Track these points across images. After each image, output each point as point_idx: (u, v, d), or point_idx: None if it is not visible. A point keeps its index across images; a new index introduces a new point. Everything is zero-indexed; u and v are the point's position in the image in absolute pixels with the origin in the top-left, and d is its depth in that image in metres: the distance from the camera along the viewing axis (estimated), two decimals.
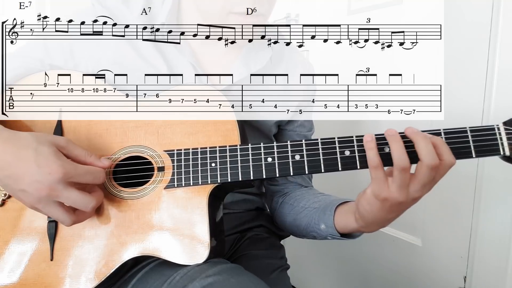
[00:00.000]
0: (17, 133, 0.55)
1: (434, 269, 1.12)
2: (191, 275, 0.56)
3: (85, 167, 0.56)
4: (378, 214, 0.58)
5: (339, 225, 0.69)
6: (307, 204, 0.77)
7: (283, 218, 0.82)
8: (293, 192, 0.83)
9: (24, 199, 0.54)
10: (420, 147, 0.53)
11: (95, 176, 0.56)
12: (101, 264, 0.60)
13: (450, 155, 0.54)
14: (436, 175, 0.54)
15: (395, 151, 0.54)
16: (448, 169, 0.55)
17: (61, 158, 0.54)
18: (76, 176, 0.54)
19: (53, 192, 0.52)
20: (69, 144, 0.57)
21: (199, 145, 0.62)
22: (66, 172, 0.52)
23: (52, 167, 0.52)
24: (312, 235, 0.75)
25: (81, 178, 0.55)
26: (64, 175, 0.52)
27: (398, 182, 0.54)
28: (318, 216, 0.72)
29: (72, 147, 0.57)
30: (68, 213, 0.55)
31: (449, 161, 0.54)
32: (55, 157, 0.53)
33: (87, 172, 0.56)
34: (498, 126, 0.57)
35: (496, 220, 0.94)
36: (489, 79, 0.92)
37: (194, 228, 0.60)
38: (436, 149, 0.54)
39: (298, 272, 1.60)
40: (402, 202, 0.55)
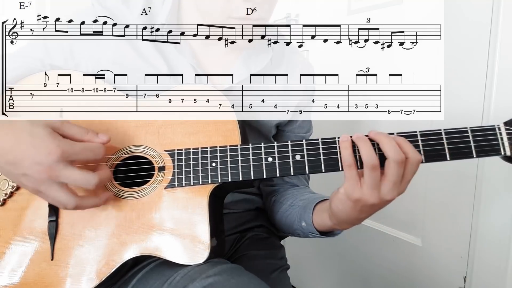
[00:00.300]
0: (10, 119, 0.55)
1: (434, 269, 1.12)
2: (192, 275, 0.56)
3: (83, 144, 0.55)
4: (351, 214, 0.60)
5: (317, 223, 0.70)
6: (293, 202, 0.79)
7: (274, 216, 0.84)
8: (285, 191, 0.84)
9: (26, 183, 0.54)
10: (384, 145, 0.55)
11: (94, 152, 0.56)
12: (101, 264, 0.60)
13: (415, 152, 0.55)
14: (405, 172, 0.55)
15: (363, 150, 0.55)
16: (416, 166, 0.56)
17: (57, 137, 0.53)
18: (74, 154, 0.53)
19: (53, 172, 0.52)
20: (64, 124, 0.56)
21: (200, 145, 0.62)
22: (63, 150, 0.52)
23: (49, 148, 0.51)
24: (297, 233, 0.77)
25: (80, 156, 0.54)
26: (62, 153, 0.52)
27: (369, 182, 0.55)
28: (300, 214, 0.74)
29: (68, 127, 0.56)
30: (71, 194, 0.55)
31: (414, 158, 0.55)
32: (51, 138, 0.52)
33: (85, 149, 0.55)
34: (499, 126, 0.57)
35: (496, 220, 0.94)
36: (489, 79, 0.92)
37: (194, 228, 0.60)
38: (401, 147, 0.55)
39: (298, 272, 1.60)
40: (374, 203, 0.56)
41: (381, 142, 0.55)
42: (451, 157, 0.57)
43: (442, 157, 0.57)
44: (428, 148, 0.57)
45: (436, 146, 0.57)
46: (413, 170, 0.56)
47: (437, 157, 0.57)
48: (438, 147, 0.57)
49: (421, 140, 0.57)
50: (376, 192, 0.55)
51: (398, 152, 0.54)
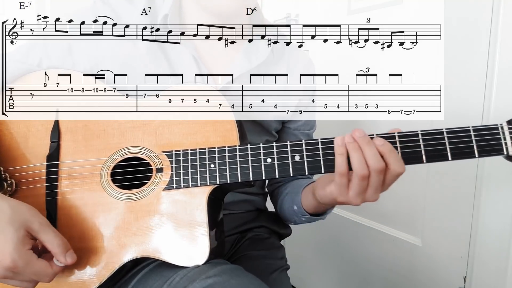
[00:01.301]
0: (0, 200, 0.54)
1: (434, 269, 1.12)
2: (191, 276, 0.56)
3: (35, 268, 0.53)
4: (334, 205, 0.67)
5: (305, 205, 0.73)
6: (290, 190, 0.81)
7: (277, 207, 0.86)
8: (288, 182, 0.86)
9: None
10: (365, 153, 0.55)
11: (40, 278, 0.55)
12: (101, 266, 0.60)
13: (397, 164, 0.55)
14: (385, 179, 0.56)
15: (355, 159, 0.55)
16: (397, 176, 0.56)
17: (20, 249, 0.52)
18: (22, 274, 0.53)
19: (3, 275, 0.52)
20: (42, 228, 0.55)
21: (198, 145, 0.62)
22: (13, 266, 0.51)
23: (4, 255, 0.51)
24: (293, 219, 0.80)
25: (25, 277, 0.53)
26: (10, 268, 0.51)
27: (356, 190, 0.56)
28: (292, 199, 0.76)
29: (44, 232, 0.55)
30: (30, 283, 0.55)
31: (395, 170, 0.55)
32: (13, 246, 0.51)
33: (34, 273, 0.53)
34: (501, 125, 0.56)
35: (496, 220, 0.94)
36: (489, 79, 0.92)
37: (193, 230, 0.59)
38: (384, 157, 0.55)
39: (298, 272, 1.60)
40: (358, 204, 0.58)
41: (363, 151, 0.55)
42: (452, 157, 0.56)
43: (443, 157, 0.57)
44: (429, 148, 0.57)
45: (438, 146, 0.57)
46: (394, 179, 0.57)
47: (439, 157, 0.57)
48: (440, 147, 0.57)
49: (422, 140, 0.57)
50: (361, 197, 0.57)
51: (379, 161, 0.55)
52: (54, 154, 0.64)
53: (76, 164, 0.64)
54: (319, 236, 1.53)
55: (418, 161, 0.57)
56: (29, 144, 0.65)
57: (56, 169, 0.63)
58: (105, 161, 0.63)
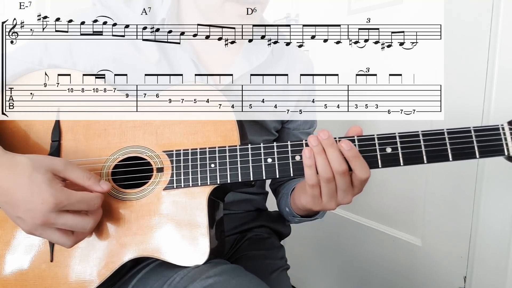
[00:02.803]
0: (13, 157, 0.54)
1: (434, 269, 1.12)
2: (192, 276, 0.56)
3: (79, 195, 0.55)
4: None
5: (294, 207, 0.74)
6: (285, 191, 0.81)
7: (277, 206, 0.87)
8: (286, 182, 0.86)
9: (21, 225, 0.54)
10: (328, 156, 0.56)
11: (89, 204, 0.56)
12: (101, 265, 0.60)
13: (361, 169, 0.55)
14: (353, 183, 0.57)
15: (320, 163, 0.56)
16: (364, 182, 0.57)
17: (55, 186, 0.53)
18: (69, 205, 0.53)
19: (47, 220, 0.52)
20: (66, 167, 0.56)
21: (198, 145, 0.62)
22: (58, 202, 0.52)
23: (44, 197, 0.51)
24: (289, 219, 0.81)
25: (74, 207, 0.54)
26: (56, 204, 0.52)
27: (326, 193, 0.58)
28: (285, 201, 0.78)
29: (70, 170, 0.56)
30: (66, 236, 0.55)
31: (360, 175, 0.56)
32: (48, 186, 0.52)
33: (81, 201, 0.55)
34: (502, 126, 0.56)
35: (496, 220, 0.94)
36: (489, 79, 0.92)
37: (194, 229, 0.59)
38: (349, 162, 0.56)
39: (298, 272, 1.60)
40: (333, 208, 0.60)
41: (327, 153, 0.56)
42: (453, 157, 0.56)
43: (444, 158, 0.56)
44: (430, 149, 0.56)
45: (439, 147, 0.56)
46: (362, 183, 0.57)
47: (439, 158, 0.56)
48: (441, 148, 0.56)
49: (423, 140, 0.57)
50: (333, 200, 0.59)
51: (341, 163, 0.55)
52: (55, 153, 0.64)
53: (77, 164, 0.63)
54: (319, 236, 1.53)
55: (419, 162, 0.57)
56: (30, 143, 0.65)
57: None
58: (106, 161, 0.63)
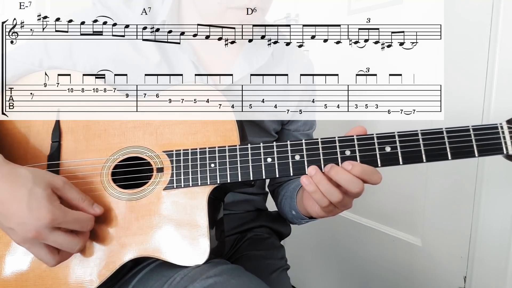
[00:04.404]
0: (16, 169, 0.55)
1: (434, 269, 1.12)
2: (192, 276, 0.56)
3: (75, 215, 0.56)
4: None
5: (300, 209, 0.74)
6: (285, 193, 0.81)
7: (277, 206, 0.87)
8: (285, 184, 0.86)
9: (11, 236, 0.55)
10: (321, 189, 0.57)
11: (82, 224, 0.56)
12: (101, 266, 0.60)
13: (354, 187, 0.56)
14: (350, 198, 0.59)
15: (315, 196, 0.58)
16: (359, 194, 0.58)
17: (53, 203, 0.54)
18: (64, 223, 0.54)
19: (39, 235, 0.53)
20: (65, 186, 0.57)
21: (198, 145, 0.62)
22: (54, 218, 0.53)
23: (42, 212, 0.52)
24: (294, 221, 0.81)
25: (68, 225, 0.55)
26: (52, 221, 0.52)
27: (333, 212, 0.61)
28: (290, 204, 0.77)
29: (68, 190, 0.57)
30: (52, 254, 0.56)
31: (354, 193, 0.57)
32: (47, 202, 0.53)
33: (76, 220, 0.55)
34: (501, 125, 0.56)
35: (496, 220, 0.94)
36: (489, 79, 0.92)
37: (194, 229, 0.59)
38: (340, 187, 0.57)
39: (298, 272, 1.60)
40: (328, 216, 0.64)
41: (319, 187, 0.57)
42: (452, 156, 0.56)
43: (443, 157, 0.56)
44: (429, 148, 0.57)
45: (438, 146, 0.56)
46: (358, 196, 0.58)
47: (439, 157, 0.57)
48: (440, 147, 0.56)
49: (422, 139, 0.57)
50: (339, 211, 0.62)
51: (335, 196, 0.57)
52: (55, 154, 0.64)
53: (77, 164, 0.64)
54: (319, 236, 1.53)
55: (418, 161, 0.57)
56: (30, 144, 0.65)
57: (57, 169, 0.63)
58: (106, 161, 0.63)
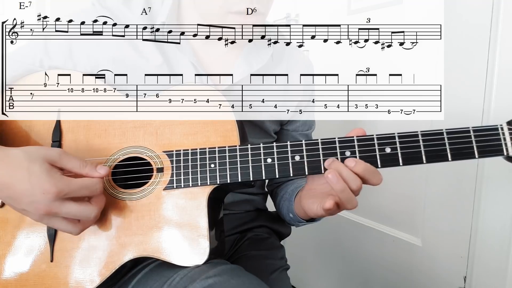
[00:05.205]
0: (8, 151, 0.54)
1: (434, 269, 1.12)
2: (192, 276, 0.56)
3: (79, 182, 0.55)
4: None
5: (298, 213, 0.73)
6: (283, 195, 0.81)
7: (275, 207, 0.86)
8: (283, 185, 0.86)
9: (29, 216, 0.55)
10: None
11: (91, 189, 0.56)
12: (101, 265, 0.60)
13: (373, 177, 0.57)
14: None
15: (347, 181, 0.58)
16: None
17: (54, 175, 0.53)
18: (71, 193, 0.53)
19: (51, 210, 0.52)
20: (62, 156, 0.55)
21: (198, 145, 0.62)
22: (59, 190, 0.52)
23: (44, 187, 0.51)
24: (293, 224, 0.81)
25: (76, 193, 0.54)
26: (57, 193, 0.52)
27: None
28: (287, 207, 0.77)
29: (66, 160, 0.56)
30: (72, 224, 0.56)
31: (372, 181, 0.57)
32: (47, 176, 0.52)
33: (82, 187, 0.55)
34: (501, 126, 0.56)
35: (496, 220, 0.94)
36: (489, 79, 0.92)
37: (193, 229, 0.59)
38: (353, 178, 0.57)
39: (298, 272, 1.60)
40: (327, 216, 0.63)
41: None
42: (452, 157, 0.56)
43: (443, 158, 0.57)
44: (429, 149, 0.57)
45: (438, 147, 0.57)
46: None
47: (439, 158, 0.57)
48: (440, 148, 0.56)
49: (422, 140, 0.57)
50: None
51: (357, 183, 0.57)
52: None
53: None
54: (319, 236, 1.53)
55: (418, 162, 0.57)
56: (31, 143, 0.65)
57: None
58: (106, 161, 0.63)
